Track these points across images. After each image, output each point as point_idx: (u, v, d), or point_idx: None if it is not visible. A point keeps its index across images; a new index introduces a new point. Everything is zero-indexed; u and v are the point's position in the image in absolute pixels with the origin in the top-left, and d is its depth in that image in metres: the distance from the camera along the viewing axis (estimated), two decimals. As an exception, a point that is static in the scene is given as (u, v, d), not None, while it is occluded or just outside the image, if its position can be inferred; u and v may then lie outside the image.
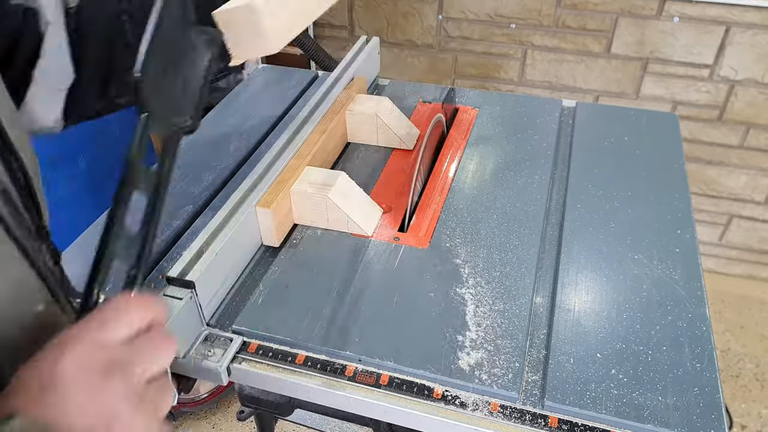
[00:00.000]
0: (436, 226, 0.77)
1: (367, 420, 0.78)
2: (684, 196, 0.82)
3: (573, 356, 0.61)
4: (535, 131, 0.95)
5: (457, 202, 0.81)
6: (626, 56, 1.69)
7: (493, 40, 1.78)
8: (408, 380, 0.60)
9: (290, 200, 0.75)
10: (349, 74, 0.98)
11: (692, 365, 0.60)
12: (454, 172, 0.87)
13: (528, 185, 0.83)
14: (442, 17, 1.78)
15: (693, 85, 1.69)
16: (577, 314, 0.66)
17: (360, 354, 0.61)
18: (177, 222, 0.79)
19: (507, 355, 0.61)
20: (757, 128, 1.72)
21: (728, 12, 1.55)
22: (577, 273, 0.70)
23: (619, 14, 1.63)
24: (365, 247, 0.74)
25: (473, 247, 0.73)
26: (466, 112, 1.01)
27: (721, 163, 1.82)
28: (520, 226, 0.76)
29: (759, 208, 1.87)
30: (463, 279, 0.69)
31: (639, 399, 0.57)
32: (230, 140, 0.95)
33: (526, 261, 0.71)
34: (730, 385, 1.74)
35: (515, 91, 1.86)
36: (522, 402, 0.58)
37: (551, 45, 1.74)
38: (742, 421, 1.66)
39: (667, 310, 0.66)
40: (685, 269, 0.71)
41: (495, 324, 0.64)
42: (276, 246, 0.75)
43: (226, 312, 0.67)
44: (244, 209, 0.70)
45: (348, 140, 0.94)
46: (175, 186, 0.85)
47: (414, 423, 0.59)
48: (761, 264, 1.99)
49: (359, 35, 1.34)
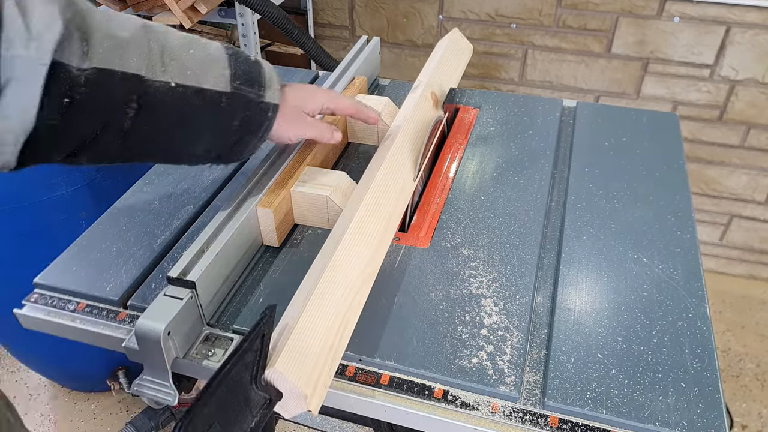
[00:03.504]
0: (436, 226, 0.77)
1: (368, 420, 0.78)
2: (684, 196, 0.82)
3: (573, 356, 0.61)
4: (536, 131, 0.95)
5: (458, 202, 0.81)
6: (627, 56, 1.69)
7: (493, 40, 1.78)
8: (409, 380, 0.60)
9: (290, 200, 0.75)
10: (349, 74, 0.98)
11: (693, 365, 0.60)
12: (455, 171, 0.87)
13: (529, 185, 0.83)
14: (442, 17, 1.78)
15: (693, 85, 1.69)
16: (578, 314, 0.66)
17: (360, 354, 0.61)
18: (177, 222, 0.79)
19: (507, 354, 0.61)
20: (757, 128, 1.72)
21: (729, 12, 1.55)
22: (578, 273, 0.70)
23: (619, 14, 1.63)
24: (366, 247, 0.74)
25: (474, 247, 0.73)
26: (467, 112, 1.01)
27: (722, 163, 1.82)
28: (521, 225, 0.76)
29: (759, 208, 1.87)
30: (464, 279, 0.69)
31: (639, 399, 0.57)
32: (231, 140, 0.95)
33: (526, 261, 0.71)
34: (731, 384, 1.74)
35: (516, 91, 1.86)
36: (522, 402, 0.58)
37: (552, 45, 1.74)
38: (742, 420, 1.66)
39: (668, 310, 0.66)
40: (685, 269, 0.71)
41: (496, 324, 0.64)
42: (276, 246, 0.75)
43: (227, 312, 0.67)
44: (244, 209, 0.70)
45: (348, 140, 0.94)
46: (176, 186, 0.85)
47: (414, 423, 0.59)
48: (762, 264, 1.99)
49: (360, 35, 1.34)
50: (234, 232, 0.67)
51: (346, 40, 1.94)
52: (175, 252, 0.74)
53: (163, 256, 0.74)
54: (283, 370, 0.50)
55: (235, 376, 0.47)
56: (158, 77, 0.58)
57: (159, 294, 0.61)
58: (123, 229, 0.77)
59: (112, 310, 0.68)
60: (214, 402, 0.45)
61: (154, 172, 0.88)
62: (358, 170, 0.87)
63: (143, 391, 0.60)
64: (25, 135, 0.52)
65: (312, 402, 0.52)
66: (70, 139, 0.56)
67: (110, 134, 0.57)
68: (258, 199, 0.72)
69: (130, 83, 0.56)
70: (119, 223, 0.78)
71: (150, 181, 0.86)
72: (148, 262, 0.73)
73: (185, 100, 0.60)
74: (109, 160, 0.61)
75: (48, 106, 0.52)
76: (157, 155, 0.65)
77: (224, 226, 0.68)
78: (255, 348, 0.48)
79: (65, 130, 0.54)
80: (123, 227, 0.78)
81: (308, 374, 0.52)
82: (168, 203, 0.82)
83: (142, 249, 0.74)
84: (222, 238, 0.67)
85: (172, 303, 0.60)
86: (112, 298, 0.68)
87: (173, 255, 0.74)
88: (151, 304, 0.59)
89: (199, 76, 0.61)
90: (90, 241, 0.76)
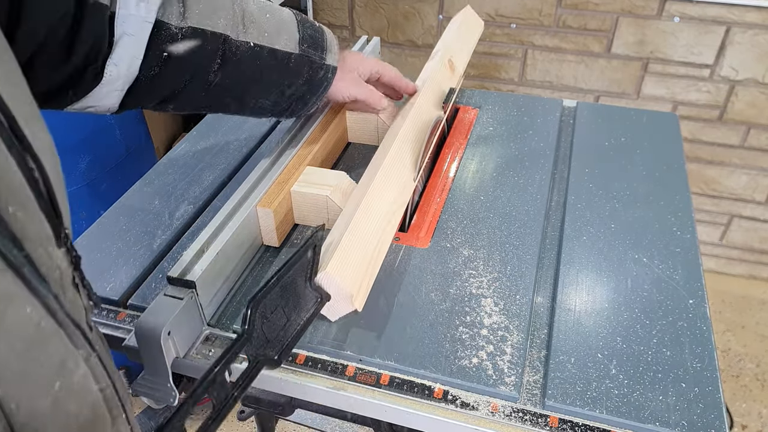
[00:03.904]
0: (436, 226, 0.77)
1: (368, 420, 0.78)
2: (684, 196, 0.82)
3: (573, 356, 0.61)
4: (536, 131, 0.95)
5: (458, 202, 0.81)
6: (627, 56, 1.70)
7: (493, 40, 1.78)
8: (409, 380, 0.60)
9: (290, 200, 0.75)
10: (349, 74, 0.98)
11: (693, 365, 0.60)
12: (455, 172, 0.87)
13: (529, 185, 0.83)
14: (442, 17, 1.78)
15: (693, 85, 1.69)
16: (578, 314, 0.66)
17: (360, 354, 0.61)
18: (177, 222, 0.79)
19: (508, 354, 0.61)
20: (757, 128, 1.72)
21: (729, 12, 1.55)
22: (578, 273, 0.71)
23: (619, 14, 1.63)
24: (366, 247, 0.74)
25: (474, 246, 0.73)
26: (467, 112, 1.01)
27: (722, 163, 1.82)
28: (521, 225, 0.76)
29: (759, 208, 1.87)
30: (464, 279, 0.69)
31: (639, 399, 0.57)
32: (231, 140, 0.96)
33: (526, 261, 0.71)
34: (731, 384, 1.74)
35: (516, 91, 1.86)
36: (523, 402, 0.58)
37: (552, 45, 1.74)
38: (742, 420, 1.66)
39: (668, 310, 0.66)
40: (685, 269, 0.71)
41: (496, 324, 0.64)
42: (277, 246, 0.75)
43: (227, 312, 0.67)
44: (244, 209, 0.70)
45: (348, 140, 0.94)
46: (176, 186, 0.85)
47: (414, 423, 0.59)
48: (762, 264, 1.99)
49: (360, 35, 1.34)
50: (234, 232, 0.67)
51: (346, 40, 1.94)
52: (175, 252, 0.74)
53: (163, 256, 0.74)
54: (333, 273, 0.59)
55: (291, 276, 0.56)
56: (240, 37, 0.67)
57: (159, 294, 0.61)
58: (123, 229, 0.77)
59: (112, 309, 0.68)
60: (277, 292, 0.55)
61: (154, 172, 0.88)
62: (358, 170, 0.88)
63: (143, 390, 0.60)
64: (129, 82, 0.62)
65: (357, 301, 0.60)
66: (164, 87, 0.65)
67: (196, 85, 0.67)
68: (258, 199, 0.72)
69: (218, 41, 0.65)
70: (119, 223, 0.78)
71: (150, 181, 0.86)
72: (148, 262, 0.73)
73: (261, 59, 0.69)
74: (191, 108, 0.71)
75: (150, 58, 0.62)
76: (231, 106, 0.73)
77: (224, 226, 0.68)
78: (308, 257, 0.59)
79: (161, 80, 0.64)
80: (123, 227, 0.78)
81: (353, 278, 0.61)
82: (168, 203, 0.82)
83: (142, 249, 0.74)
84: (222, 238, 0.67)
85: (172, 303, 0.60)
86: (112, 298, 0.68)
87: (173, 255, 0.74)
88: (151, 304, 0.59)
89: (273, 38, 0.70)
90: (90, 241, 0.76)
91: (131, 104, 0.65)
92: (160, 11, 0.61)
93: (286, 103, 0.75)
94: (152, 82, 0.64)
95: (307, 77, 0.73)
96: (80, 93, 0.61)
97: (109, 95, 0.62)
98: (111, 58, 0.59)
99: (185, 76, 0.65)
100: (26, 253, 0.30)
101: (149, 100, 0.67)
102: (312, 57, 0.73)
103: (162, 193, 0.84)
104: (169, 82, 0.65)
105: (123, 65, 0.60)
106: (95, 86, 0.60)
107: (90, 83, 0.60)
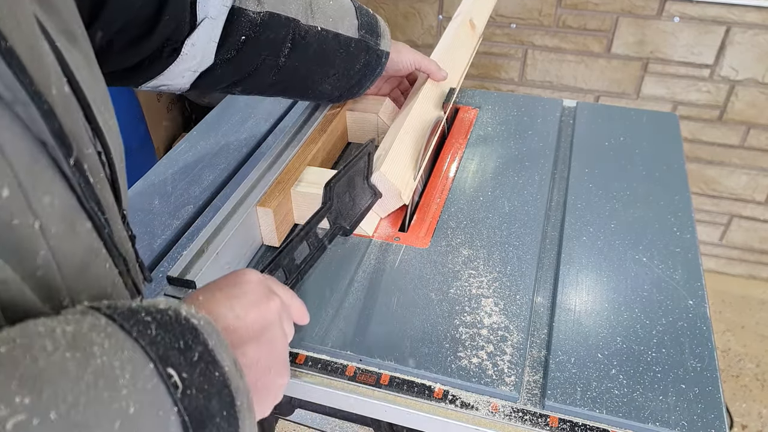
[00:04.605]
0: (436, 226, 0.77)
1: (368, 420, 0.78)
2: (684, 196, 0.82)
3: (574, 356, 0.61)
4: (536, 131, 0.95)
5: (458, 202, 0.81)
6: (627, 56, 1.70)
7: (493, 40, 1.78)
8: (409, 380, 0.60)
9: (290, 200, 0.75)
10: (349, 74, 0.98)
11: (693, 365, 0.60)
12: (455, 172, 0.87)
13: (528, 185, 0.83)
14: (442, 17, 1.78)
15: (693, 85, 1.69)
16: (578, 314, 0.66)
17: (360, 354, 0.61)
18: (177, 222, 0.79)
19: (508, 354, 0.61)
20: (757, 128, 1.72)
21: (729, 12, 1.55)
22: (578, 273, 0.71)
23: (619, 14, 1.63)
24: (366, 247, 0.74)
25: (474, 246, 0.73)
26: (467, 112, 1.01)
27: (722, 163, 1.82)
28: (521, 225, 0.76)
29: (759, 208, 1.87)
30: (464, 279, 0.69)
31: (639, 399, 0.57)
32: (231, 140, 0.96)
33: (526, 261, 0.71)
34: (731, 384, 1.74)
35: (516, 91, 1.86)
36: (523, 402, 0.58)
37: (552, 45, 1.74)
38: (742, 420, 1.66)
39: (668, 310, 0.66)
40: (685, 269, 0.71)
41: (496, 323, 0.64)
42: (276, 246, 0.75)
43: (227, 312, 0.67)
44: (244, 209, 0.70)
45: (348, 140, 0.94)
46: (176, 186, 0.85)
47: (414, 423, 0.59)
48: (762, 264, 1.99)
49: (360, 35, 1.34)
50: (234, 231, 0.67)
51: (346, 40, 1.93)
52: (175, 252, 0.74)
53: (163, 256, 0.74)
54: (385, 172, 0.72)
55: (352, 175, 0.69)
56: (309, 22, 0.71)
57: (159, 294, 0.61)
58: (123, 229, 0.77)
59: (112, 310, 0.68)
60: (345, 181, 0.68)
61: (154, 172, 0.88)
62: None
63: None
64: (205, 65, 0.65)
65: (404, 196, 0.73)
66: (237, 70, 0.68)
67: (267, 68, 0.70)
68: (258, 199, 0.72)
69: (290, 26, 0.68)
70: (119, 223, 0.78)
71: (150, 180, 0.86)
72: (149, 262, 0.73)
73: (326, 43, 0.73)
74: (257, 91, 0.75)
75: (228, 42, 0.64)
76: (295, 89, 0.78)
77: (224, 226, 0.68)
78: (363, 161, 0.70)
79: (236, 63, 0.67)
80: (123, 227, 0.78)
81: (400, 177, 0.74)
82: (168, 203, 0.82)
83: (142, 249, 0.74)
84: (222, 237, 0.67)
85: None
86: (112, 298, 0.68)
87: (173, 255, 0.74)
88: (151, 304, 0.59)
89: (337, 23, 0.74)
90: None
91: (203, 86, 0.68)
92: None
93: (344, 86, 0.80)
94: (227, 65, 0.66)
95: (364, 62, 0.78)
96: (155, 71, 0.63)
97: (183, 74, 0.65)
98: (190, 38, 0.62)
99: (258, 60, 0.68)
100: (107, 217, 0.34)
101: (221, 83, 0.69)
102: (369, 42, 0.77)
103: (162, 193, 0.84)
104: (243, 65, 0.67)
105: (199, 47, 0.63)
106: (170, 64, 0.63)
107: (166, 61, 0.62)
